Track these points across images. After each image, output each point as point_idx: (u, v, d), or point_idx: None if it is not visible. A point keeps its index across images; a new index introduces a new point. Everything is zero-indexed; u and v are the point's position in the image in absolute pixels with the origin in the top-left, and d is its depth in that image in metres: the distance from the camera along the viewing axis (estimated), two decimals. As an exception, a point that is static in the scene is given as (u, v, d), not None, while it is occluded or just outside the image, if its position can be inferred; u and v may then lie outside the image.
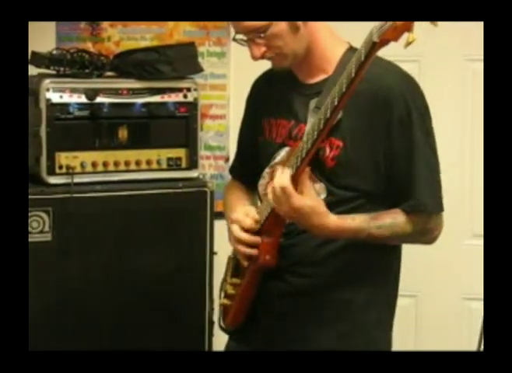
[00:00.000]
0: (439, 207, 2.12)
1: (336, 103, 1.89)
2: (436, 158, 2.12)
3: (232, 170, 2.52)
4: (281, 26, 2.06)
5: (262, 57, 2.11)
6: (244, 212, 2.20)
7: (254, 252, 2.14)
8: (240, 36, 2.13)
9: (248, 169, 2.36)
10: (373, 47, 1.77)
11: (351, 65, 1.84)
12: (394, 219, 2.07)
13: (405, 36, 1.72)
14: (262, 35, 2.06)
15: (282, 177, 1.99)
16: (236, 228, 2.17)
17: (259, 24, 2.06)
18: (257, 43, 2.09)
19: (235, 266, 2.31)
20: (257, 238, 2.14)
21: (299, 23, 2.08)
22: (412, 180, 2.07)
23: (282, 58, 2.12)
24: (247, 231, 2.16)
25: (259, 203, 2.29)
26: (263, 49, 2.09)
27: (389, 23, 1.72)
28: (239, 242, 2.17)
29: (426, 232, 2.12)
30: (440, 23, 1.72)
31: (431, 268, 3.38)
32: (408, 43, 1.70)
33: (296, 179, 2.01)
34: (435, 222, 2.12)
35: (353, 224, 2.05)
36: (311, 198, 2.00)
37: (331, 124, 1.94)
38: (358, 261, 2.15)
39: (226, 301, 2.30)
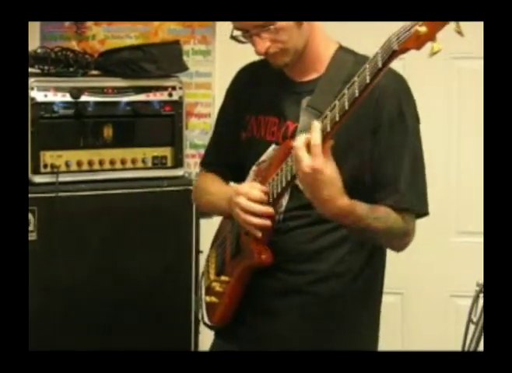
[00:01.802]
0: (424, 207, 2.11)
1: (347, 108, 1.87)
2: (423, 160, 2.12)
3: (205, 163, 2.42)
4: None
5: (266, 52, 2.10)
6: (249, 185, 2.14)
7: (266, 223, 2.07)
8: (238, 33, 2.12)
9: (226, 162, 2.32)
10: (392, 54, 1.77)
11: (364, 71, 1.82)
12: (387, 213, 2.05)
13: (428, 45, 1.71)
14: (271, 27, 2.05)
15: (315, 135, 1.89)
16: (243, 199, 2.08)
17: None
18: (262, 38, 2.08)
19: (220, 262, 2.30)
20: (269, 209, 2.08)
21: None
22: (397, 178, 2.07)
23: (284, 54, 2.10)
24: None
25: None
26: (268, 44, 2.08)
27: (411, 31, 1.71)
28: (247, 212, 2.08)
29: (407, 233, 2.09)
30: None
31: (416, 265, 3.38)
32: (433, 54, 1.70)
33: None
34: (412, 225, 2.10)
35: (358, 210, 2.00)
36: (333, 169, 1.93)
37: (338, 128, 1.91)
38: (347, 257, 2.15)
39: (213, 299, 2.28)
